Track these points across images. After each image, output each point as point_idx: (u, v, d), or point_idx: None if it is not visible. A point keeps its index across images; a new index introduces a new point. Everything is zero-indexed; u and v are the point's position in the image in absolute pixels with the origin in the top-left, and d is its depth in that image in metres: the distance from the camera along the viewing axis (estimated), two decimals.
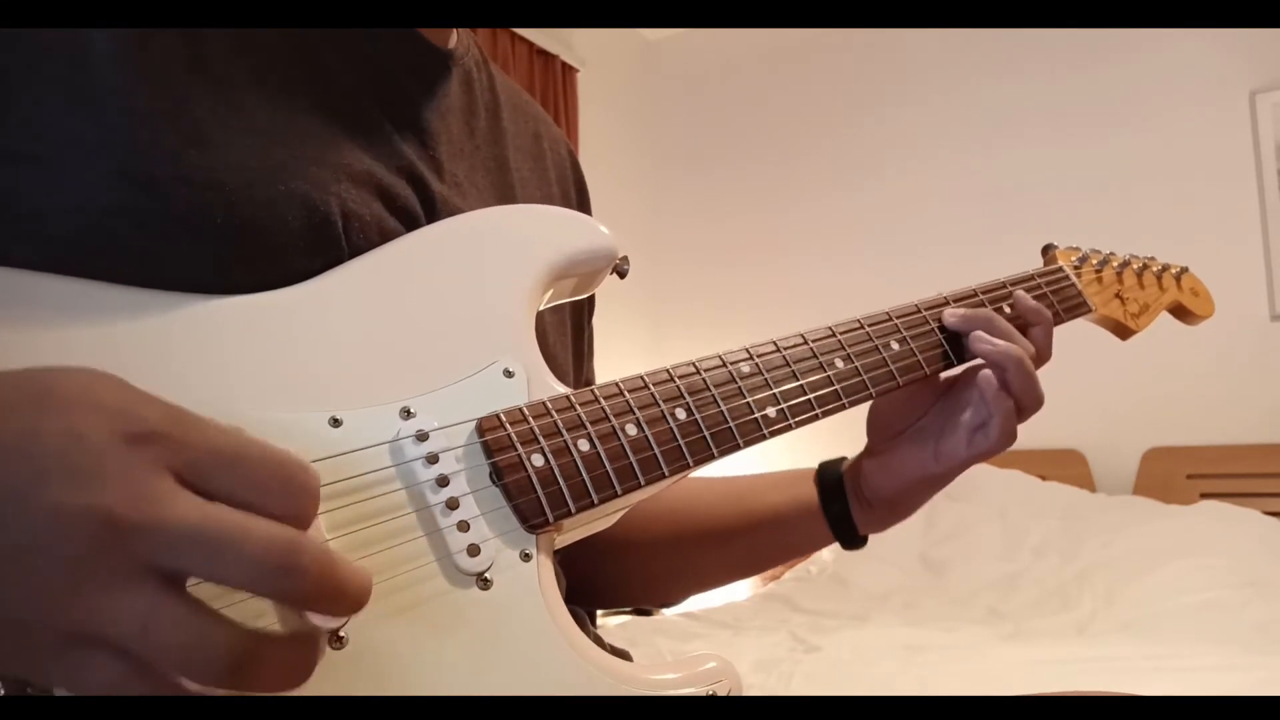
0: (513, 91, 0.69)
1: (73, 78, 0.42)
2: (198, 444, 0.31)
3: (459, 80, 0.61)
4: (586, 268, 0.55)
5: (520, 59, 2.87)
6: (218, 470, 0.31)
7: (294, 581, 0.30)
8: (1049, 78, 2.90)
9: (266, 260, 0.46)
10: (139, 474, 0.29)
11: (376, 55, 0.55)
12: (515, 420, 0.46)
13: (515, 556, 0.45)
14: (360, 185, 0.50)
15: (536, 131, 0.70)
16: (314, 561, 0.30)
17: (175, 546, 0.29)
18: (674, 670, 0.47)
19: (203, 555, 0.29)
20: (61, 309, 0.41)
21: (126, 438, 0.30)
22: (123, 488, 0.29)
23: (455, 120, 0.59)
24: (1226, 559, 2.07)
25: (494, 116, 0.64)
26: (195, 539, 0.29)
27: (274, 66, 0.49)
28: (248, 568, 0.29)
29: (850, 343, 0.59)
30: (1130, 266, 0.78)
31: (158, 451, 0.30)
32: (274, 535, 0.30)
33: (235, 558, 0.29)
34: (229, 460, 0.31)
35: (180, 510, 0.29)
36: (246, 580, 0.30)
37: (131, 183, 0.42)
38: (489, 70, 0.67)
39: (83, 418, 0.30)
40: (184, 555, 0.29)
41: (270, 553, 0.30)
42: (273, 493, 0.31)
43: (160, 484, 0.30)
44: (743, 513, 0.69)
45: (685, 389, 0.52)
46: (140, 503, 0.29)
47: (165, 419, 0.31)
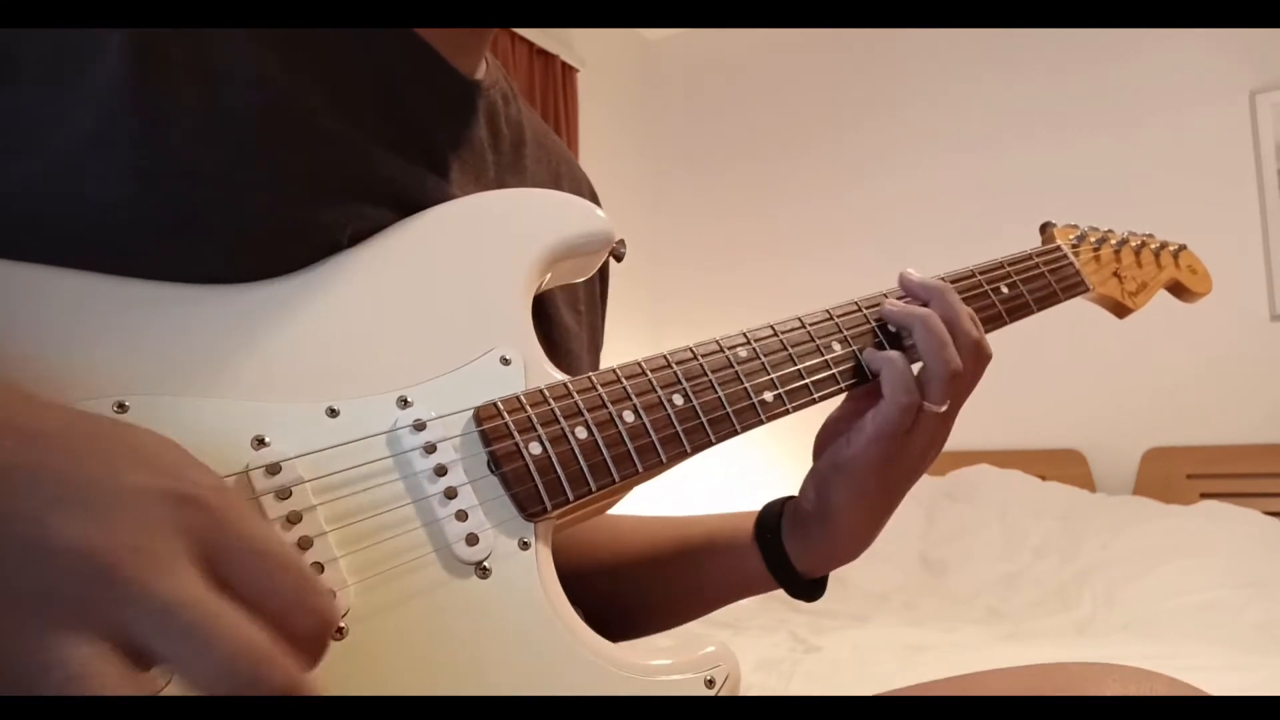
0: (539, 130, 0.68)
1: (86, 76, 0.43)
2: (233, 525, 0.30)
3: (484, 113, 0.60)
4: (583, 251, 0.55)
5: (520, 59, 2.87)
6: (240, 559, 0.30)
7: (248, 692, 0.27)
8: (1049, 78, 2.90)
9: (266, 257, 0.46)
10: (159, 531, 0.28)
11: (395, 78, 0.54)
12: (513, 408, 0.46)
13: (514, 545, 0.44)
14: (366, 193, 0.50)
15: (558, 171, 0.69)
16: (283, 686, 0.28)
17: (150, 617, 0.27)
18: (672, 655, 0.47)
19: (172, 637, 0.27)
20: (65, 303, 0.41)
21: (170, 495, 0.29)
22: (134, 539, 0.28)
23: (471, 151, 0.58)
24: (1226, 559, 2.07)
25: (516, 152, 0.63)
26: (174, 616, 0.27)
27: (284, 73, 0.48)
28: (210, 668, 0.27)
29: (847, 325, 0.59)
30: (1129, 244, 0.77)
31: (192, 518, 0.29)
32: (254, 641, 0.28)
33: (203, 651, 0.27)
34: (255, 553, 0.30)
35: (175, 582, 0.28)
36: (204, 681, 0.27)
37: (134, 177, 0.43)
38: (518, 105, 0.65)
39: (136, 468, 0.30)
40: (154, 630, 0.27)
41: (241, 657, 0.27)
42: (283, 602, 0.30)
43: (173, 549, 0.28)
44: (680, 538, 0.66)
45: (682, 375, 0.52)
46: (142, 558, 0.28)
47: (214, 490, 0.31)
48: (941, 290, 0.59)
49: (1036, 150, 2.91)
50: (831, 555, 0.61)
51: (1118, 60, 2.80)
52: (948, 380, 0.55)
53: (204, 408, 0.41)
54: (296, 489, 0.40)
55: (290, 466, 0.41)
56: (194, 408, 0.41)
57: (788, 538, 0.61)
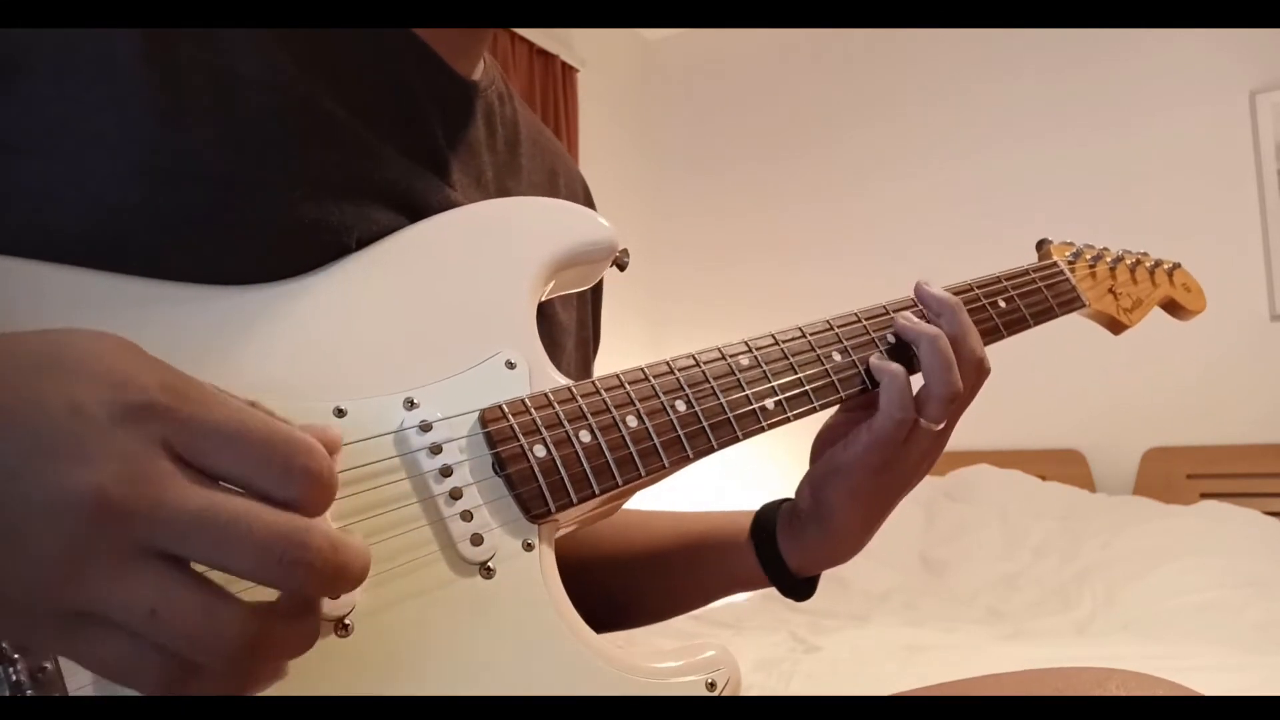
0: (534, 128, 0.69)
1: (97, 77, 0.43)
2: (198, 419, 0.30)
3: (481, 113, 0.61)
4: (587, 259, 0.56)
5: (520, 59, 2.87)
6: (217, 448, 0.30)
7: (299, 576, 0.30)
8: (1049, 78, 2.90)
9: (275, 259, 0.46)
10: (135, 452, 0.29)
11: (400, 80, 0.54)
12: (517, 411, 0.47)
13: (518, 546, 0.45)
14: (375, 196, 0.50)
15: (553, 169, 0.70)
16: (320, 556, 0.30)
17: (175, 532, 0.29)
18: (674, 658, 0.47)
19: (204, 543, 0.29)
20: (67, 299, 0.41)
21: (125, 409, 0.29)
22: (118, 467, 0.28)
23: (471, 153, 0.59)
24: (1226, 559, 2.07)
25: (512, 151, 0.64)
26: (196, 525, 0.29)
27: (295, 75, 0.49)
28: (251, 558, 0.29)
29: (847, 336, 0.59)
30: (1123, 262, 0.79)
31: (155, 427, 0.30)
32: (276, 527, 0.30)
33: (235, 550, 0.29)
34: (229, 437, 0.30)
35: (179, 494, 0.29)
36: (249, 570, 0.29)
37: (146, 177, 0.43)
38: (514, 104, 0.66)
39: (84, 387, 0.29)
40: (185, 541, 0.29)
41: (273, 545, 0.29)
42: (273, 475, 0.31)
43: (157, 464, 0.29)
44: (680, 534, 0.69)
45: (685, 381, 0.53)
46: (136, 484, 0.28)
47: (163, 388, 0.30)
48: (954, 306, 0.60)
49: (1037, 150, 2.91)
50: (825, 555, 0.62)
51: (1117, 61, 2.80)
52: (947, 400, 0.57)
53: None
54: None
55: None
56: None
57: (782, 537, 0.63)
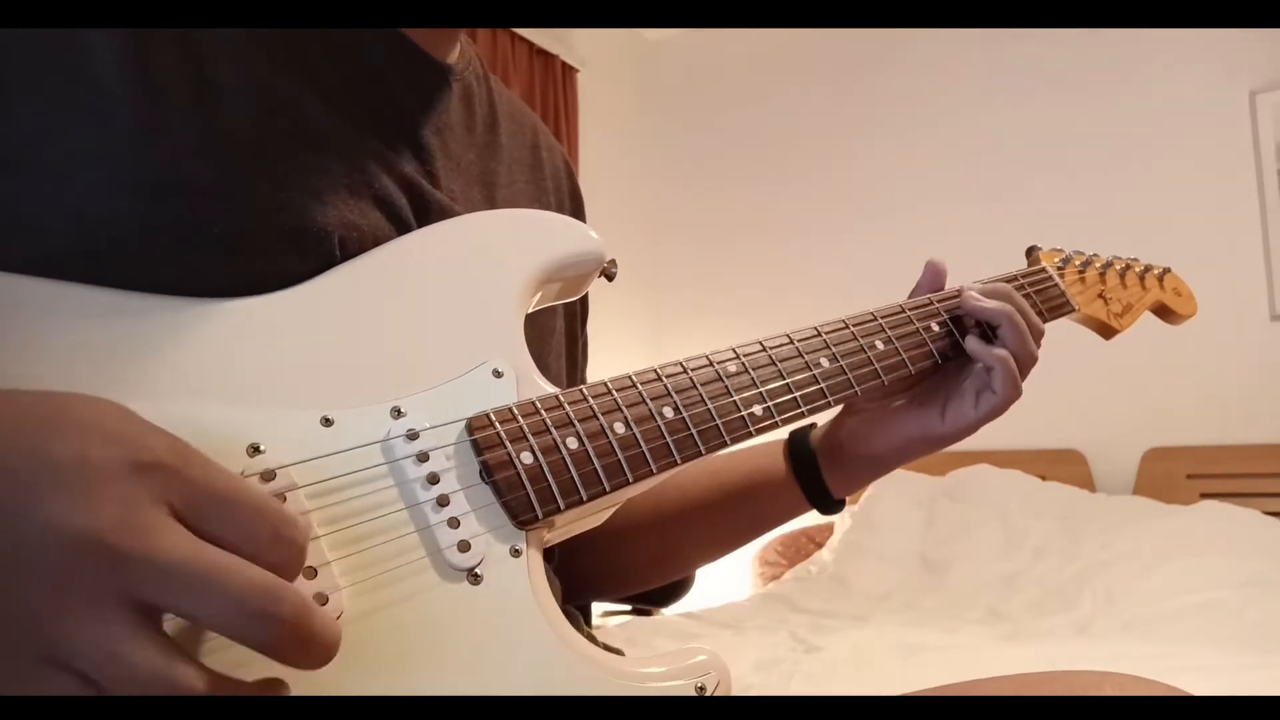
0: (511, 103, 0.70)
1: (74, 88, 0.43)
2: (198, 481, 0.32)
3: (459, 95, 0.61)
4: (575, 271, 0.56)
5: (520, 59, 2.87)
6: (213, 510, 0.32)
7: (270, 629, 0.30)
8: (1049, 78, 2.90)
9: (262, 267, 0.46)
10: (137, 502, 0.30)
11: (377, 69, 0.55)
12: (504, 419, 0.47)
13: (505, 552, 0.45)
14: (358, 196, 0.51)
15: (534, 142, 0.70)
16: (292, 611, 0.31)
17: (159, 573, 0.29)
18: (663, 664, 0.48)
19: (184, 591, 0.30)
20: (48, 311, 0.41)
21: (133, 465, 0.31)
22: (118, 514, 0.29)
23: (453, 136, 0.59)
24: (1226, 559, 2.07)
25: (491, 131, 0.65)
26: (180, 574, 0.30)
27: (274, 78, 0.49)
28: (226, 610, 0.30)
29: (835, 342, 0.60)
30: (1113, 267, 0.79)
31: (160, 483, 0.31)
32: (256, 580, 0.30)
33: (215, 598, 0.30)
34: (224, 501, 0.32)
35: (170, 543, 0.30)
36: (223, 622, 0.30)
37: (131, 190, 0.43)
38: (489, 84, 0.67)
39: (92, 442, 0.31)
40: (166, 589, 0.30)
41: (250, 597, 0.30)
42: (261, 540, 0.32)
43: (155, 515, 0.30)
44: (717, 487, 0.72)
45: (672, 388, 0.53)
46: (133, 531, 0.29)
47: (170, 452, 0.32)
48: (1008, 290, 0.66)
49: (1037, 150, 2.91)
50: (868, 483, 0.70)
51: (1117, 61, 2.80)
52: (1028, 369, 0.64)
53: (198, 416, 0.41)
54: (290, 495, 0.41)
55: (284, 474, 0.41)
56: (188, 416, 0.41)
57: (828, 472, 0.69)
